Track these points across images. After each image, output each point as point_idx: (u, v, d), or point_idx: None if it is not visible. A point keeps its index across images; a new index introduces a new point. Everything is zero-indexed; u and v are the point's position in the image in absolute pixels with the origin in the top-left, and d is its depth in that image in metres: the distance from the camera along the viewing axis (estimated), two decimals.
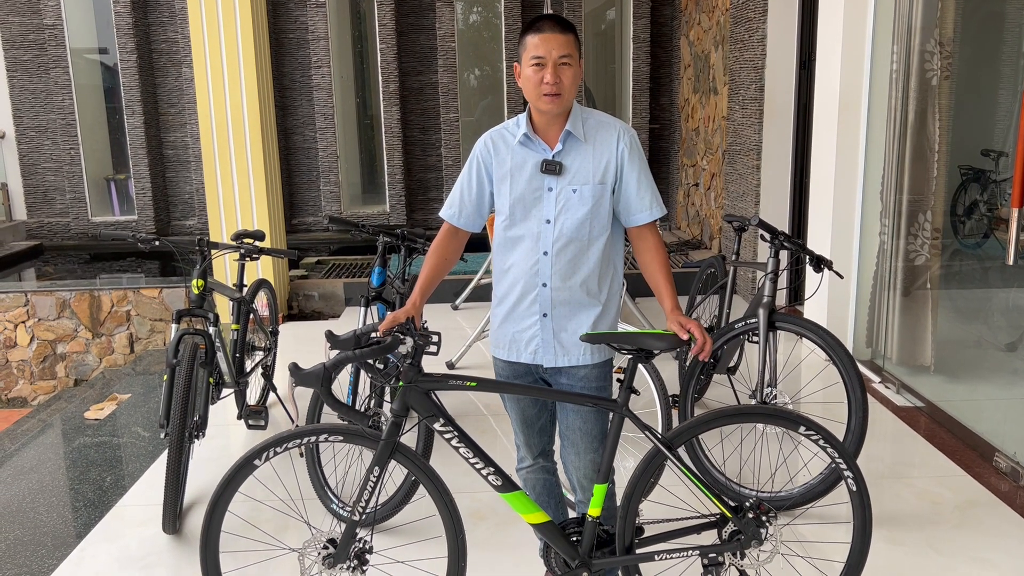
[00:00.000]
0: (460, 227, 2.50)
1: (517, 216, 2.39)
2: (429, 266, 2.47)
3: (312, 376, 2.11)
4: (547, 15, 2.35)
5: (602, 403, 2.31)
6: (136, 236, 3.73)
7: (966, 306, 4.77)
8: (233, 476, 2.24)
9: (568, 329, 2.41)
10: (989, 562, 2.94)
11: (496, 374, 2.56)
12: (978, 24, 4.61)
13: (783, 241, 3.47)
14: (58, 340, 6.85)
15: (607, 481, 2.33)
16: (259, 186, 6.45)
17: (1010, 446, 3.62)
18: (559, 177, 2.35)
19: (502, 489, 2.29)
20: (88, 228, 9.41)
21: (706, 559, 2.33)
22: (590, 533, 2.35)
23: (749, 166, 6.59)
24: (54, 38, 9.01)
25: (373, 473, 2.22)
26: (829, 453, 2.31)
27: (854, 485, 2.34)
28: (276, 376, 4.69)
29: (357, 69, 9.90)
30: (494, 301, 2.52)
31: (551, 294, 2.38)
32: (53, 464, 4.07)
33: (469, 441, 2.27)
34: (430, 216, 9.66)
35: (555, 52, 2.26)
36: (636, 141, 2.40)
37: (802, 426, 2.31)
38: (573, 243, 2.36)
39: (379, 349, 2.14)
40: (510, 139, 2.41)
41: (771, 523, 2.32)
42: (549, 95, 2.28)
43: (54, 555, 3.18)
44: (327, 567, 2.27)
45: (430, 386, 2.22)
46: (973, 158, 4.71)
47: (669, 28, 9.29)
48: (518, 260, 2.41)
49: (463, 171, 2.49)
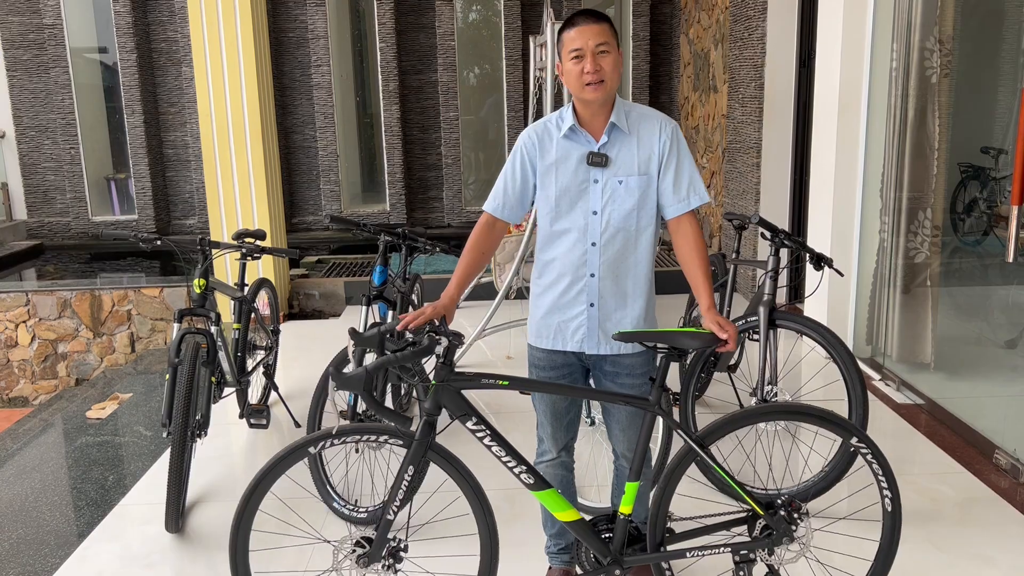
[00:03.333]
0: (503, 219, 2.51)
1: (563, 208, 2.42)
2: (467, 261, 2.47)
3: (354, 380, 2.11)
4: (580, 11, 2.39)
5: (635, 402, 2.32)
6: (138, 235, 3.73)
7: (966, 303, 4.78)
8: (264, 476, 2.22)
9: (613, 319, 2.45)
10: (990, 559, 2.94)
11: (531, 364, 2.58)
12: (978, 22, 4.61)
13: (783, 239, 3.48)
14: (59, 339, 6.86)
15: (639, 479, 2.34)
16: (259, 185, 6.45)
17: (1010, 443, 3.63)
18: (605, 169, 2.39)
19: (534, 487, 2.30)
20: (88, 228, 9.41)
21: (737, 556, 2.33)
22: (621, 530, 2.36)
23: (749, 164, 6.59)
24: (54, 37, 9.01)
25: (407, 472, 2.21)
26: (874, 470, 2.31)
27: (890, 506, 2.35)
28: (278, 375, 4.70)
29: (357, 68, 9.90)
30: (536, 291, 2.54)
31: (599, 284, 2.42)
32: (55, 463, 4.08)
33: (502, 440, 2.27)
34: (430, 215, 9.66)
35: (591, 41, 2.31)
36: (678, 133, 2.43)
37: (854, 437, 2.30)
38: (621, 233, 2.40)
39: (418, 352, 2.13)
40: (554, 132, 2.44)
41: (802, 520, 2.33)
42: (592, 84, 2.31)
43: (57, 554, 3.19)
44: (361, 566, 2.26)
45: (462, 385, 2.21)
46: (973, 155, 4.71)
47: (669, 26, 9.29)
48: (565, 251, 2.44)
49: (506, 164, 2.51)
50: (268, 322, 4.70)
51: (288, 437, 4.22)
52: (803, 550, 2.33)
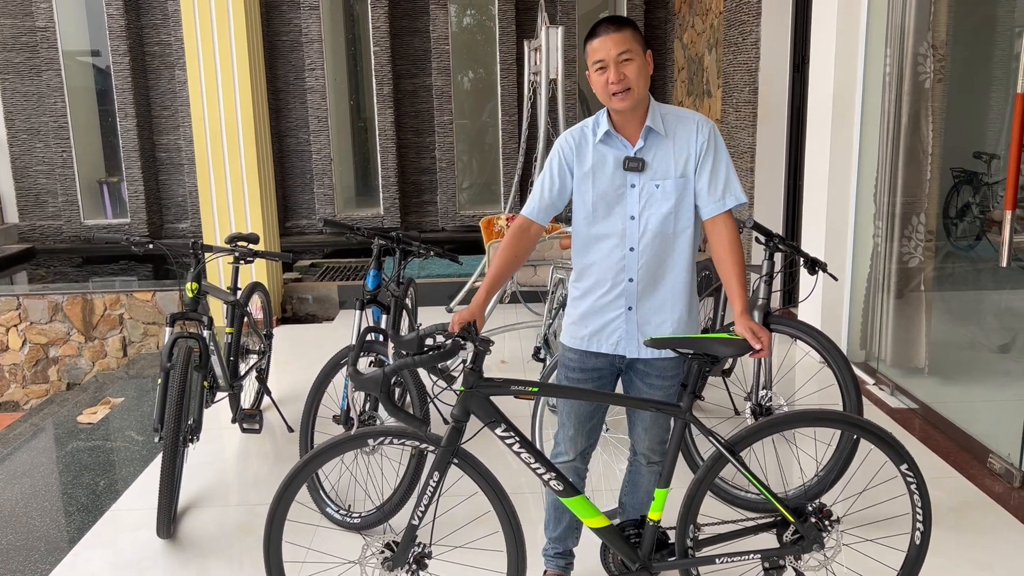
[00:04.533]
0: (537, 221, 2.49)
1: (600, 213, 2.42)
2: (500, 263, 2.45)
3: (371, 381, 2.13)
4: (604, 18, 2.37)
5: (666, 408, 2.32)
6: (130, 239, 3.71)
7: (959, 308, 4.79)
8: (309, 462, 2.25)
9: (652, 322, 2.45)
10: (984, 564, 2.94)
11: (564, 366, 2.57)
12: (971, 27, 4.63)
13: (777, 243, 3.47)
14: (50, 344, 6.82)
15: (668, 485, 2.33)
16: (253, 189, 6.43)
17: (1004, 447, 3.63)
18: (641, 173, 2.38)
19: (564, 494, 2.30)
20: (81, 231, 9.37)
21: (767, 562, 2.33)
22: (650, 536, 2.35)
23: (743, 168, 6.60)
24: (46, 40, 8.98)
25: (432, 478, 2.21)
26: (915, 501, 2.31)
27: (919, 539, 2.36)
28: (271, 380, 4.68)
29: (351, 72, 9.89)
30: (575, 294, 2.54)
31: (637, 288, 2.42)
32: (46, 469, 4.05)
33: (531, 447, 2.26)
34: (424, 218, 9.65)
35: (613, 51, 2.29)
36: (715, 132, 2.42)
37: (904, 464, 2.29)
38: (659, 237, 2.39)
39: (438, 355, 2.14)
40: (591, 137, 2.44)
41: (832, 527, 2.32)
42: (617, 93, 2.31)
43: (47, 560, 3.16)
44: (386, 570, 2.27)
45: (491, 391, 2.21)
46: (966, 160, 4.73)
47: (663, 31, 9.31)
48: (603, 256, 2.44)
49: (544, 169, 2.51)
50: (261, 326, 4.68)
51: (281, 442, 4.20)
52: (832, 557, 2.33)
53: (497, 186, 9.66)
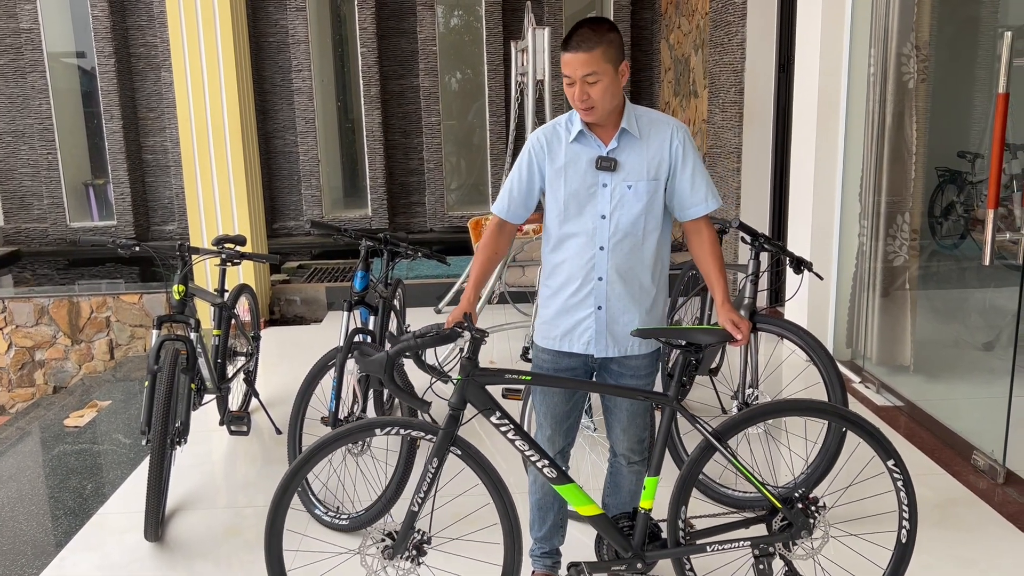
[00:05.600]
0: (507, 220, 2.55)
1: (571, 212, 2.44)
2: (481, 261, 2.53)
3: (375, 363, 2.22)
4: (577, 27, 2.33)
5: (654, 397, 2.38)
6: (116, 241, 3.70)
7: (944, 306, 4.82)
8: (309, 458, 2.29)
9: (621, 321, 2.47)
10: (968, 560, 2.97)
11: (536, 366, 2.60)
12: (954, 28, 4.67)
13: (763, 243, 3.50)
14: (36, 347, 6.78)
15: (658, 474, 2.38)
16: (240, 190, 6.41)
17: (988, 444, 3.66)
18: (613, 173, 2.40)
19: (556, 482, 2.34)
20: (66, 234, 9.32)
21: (756, 550, 2.37)
22: (642, 525, 2.40)
23: (729, 169, 6.63)
24: (31, 42, 8.93)
25: (432, 464, 2.26)
26: (901, 498, 2.35)
27: (905, 538, 2.40)
28: (258, 381, 4.67)
29: (338, 73, 9.87)
30: (545, 293, 2.56)
31: (607, 288, 2.44)
32: (32, 472, 4.03)
33: (525, 434, 2.31)
34: (412, 219, 9.64)
35: (579, 71, 2.30)
36: (689, 137, 2.45)
37: (891, 461, 2.34)
38: (629, 238, 2.42)
39: (438, 338, 2.22)
40: (564, 136, 2.45)
41: (820, 514, 2.37)
42: (583, 109, 2.35)
43: (34, 564, 3.15)
44: (387, 558, 2.32)
45: (487, 380, 2.27)
46: (950, 160, 4.76)
47: (649, 32, 9.34)
48: (573, 255, 2.46)
49: (515, 167, 2.53)
50: (248, 328, 4.67)
51: (269, 444, 4.19)
52: (819, 547, 2.37)
53: (485, 187, 9.66)
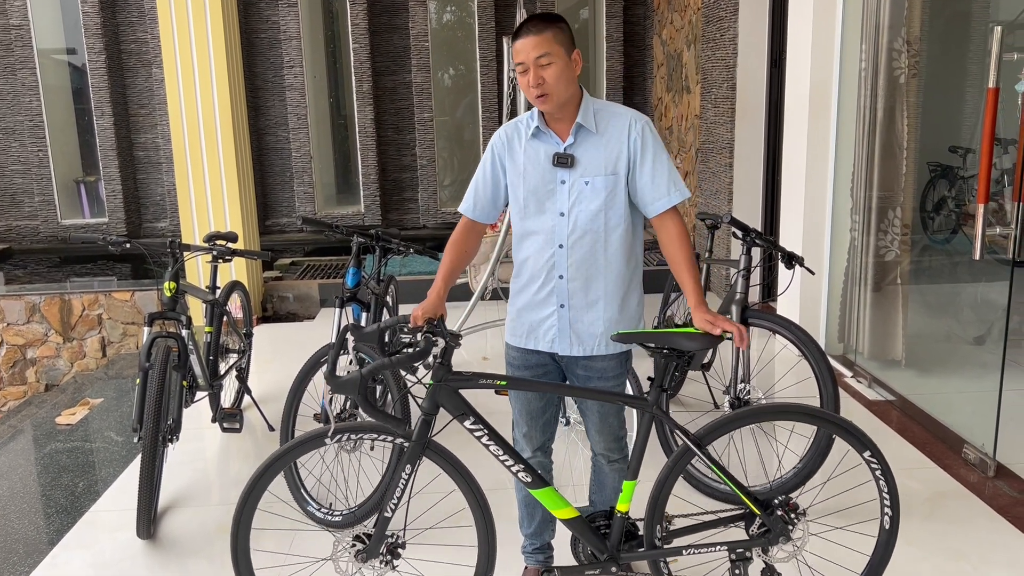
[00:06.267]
0: (475, 219, 2.53)
1: (531, 209, 2.41)
2: (448, 260, 2.51)
3: (349, 384, 2.13)
4: (529, 17, 2.34)
5: (632, 402, 2.33)
6: (106, 238, 3.69)
7: (935, 301, 4.85)
8: (266, 470, 2.24)
9: (584, 320, 2.43)
10: (959, 552, 2.98)
11: (508, 363, 2.58)
12: (945, 23, 4.68)
13: (755, 238, 3.50)
14: (28, 345, 6.75)
15: (636, 478, 2.35)
16: (231, 187, 6.40)
17: (978, 438, 3.68)
18: (571, 170, 2.37)
19: (532, 486, 2.32)
20: (58, 231, 9.28)
21: (733, 554, 2.34)
22: (619, 527, 2.37)
23: (722, 164, 6.64)
24: (21, 39, 8.88)
25: (404, 471, 2.23)
26: (880, 486, 2.32)
27: (888, 524, 2.37)
28: (251, 379, 4.66)
29: (330, 69, 9.85)
30: (513, 289, 2.55)
31: (567, 286, 2.41)
32: (24, 470, 4.02)
33: (500, 439, 2.28)
34: (405, 216, 9.63)
35: (532, 54, 2.27)
36: (649, 129, 2.38)
37: (867, 452, 2.30)
38: (588, 235, 2.37)
39: (414, 355, 2.13)
40: (524, 132, 2.43)
41: (800, 519, 2.33)
42: (538, 96, 2.30)
43: (26, 562, 3.14)
44: (359, 561, 2.29)
45: (460, 384, 2.22)
46: (941, 155, 4.79)
47: (642, 27, 9.33)
48: (534, 252, 2.44)
49: (479, 166, 2.51)
50: (241, 325, 4.66)
51: (262, 441, 4.19)
52: (799, 550, 2.34)
53: None
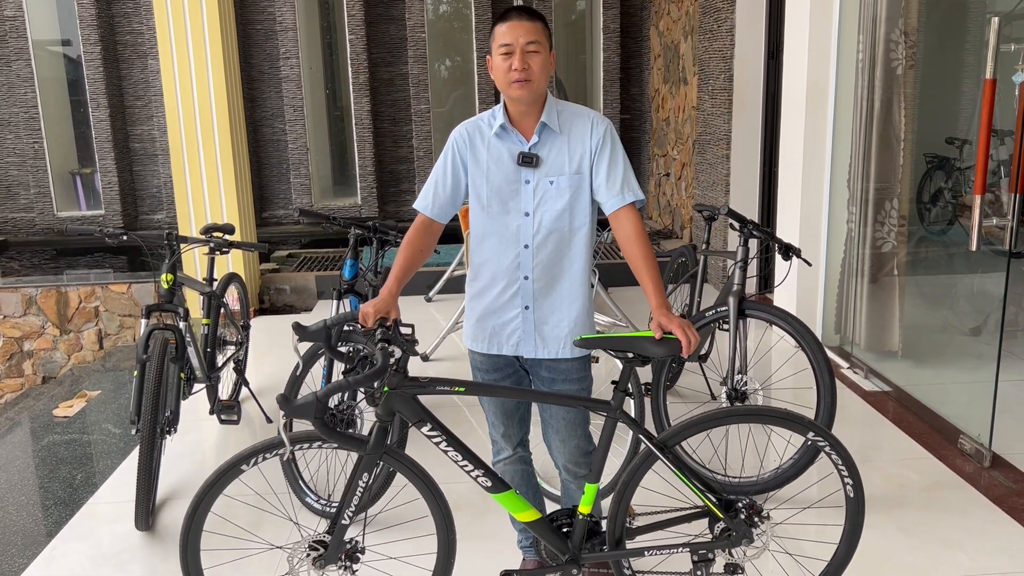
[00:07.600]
0: (433, 218, 2.44)
1: (495, 209, 2.36)
2: (403, 258, 2.39)
3: (304, 407, 2.02)
4: (515, 6, 2.34)
5: (595, 406, 2.27)
6: (103, 231, 3.68)
7: (932, 292, 4.86)
8: (217, 479, 2.18)
9: (550, 322, 2.40)
10: (955, 542, 3.00)
11: (473, 367, 2.54)
12: (942, 14, 4.68)
13: (752, 230, 3.51)
14: (24, 337, 6.75)
15: (599, 481, 2.31)
16: (228, 179, 6.38)
17: (974, 428, 3.69)
18: (536, 169, 2.33)
19: (492, 490, 2.26)
20: (54, 223, 9.26)
21: (696, 555, 2.30)
22: (580, 528, 2.33)
23: (719, 155, 6.64)
24: (15, 30, 8.84)
25: (361, 479, 2.18)
26: (833, 460, 2.30)
27: (852, 492, 2.34)
28: (248, 371, 4.66)
29: (326, 60, 9.82)
30: (470, 294, 2.48)
31: (533, 287, 2.37)
32: (22, 463, 4.02)
33: (458, 444, 2.22)
34: (402, 208, 9.62)
35: (522, 39, 2.25)
36: (610, 130, 2.36)
37: (811, 432, 2.27)
38: (553, 235, 2.35)
39: (372, 374, 2.03)
40: (486, 131, 2.39)
41: (763, 522, 2.29)
42: (518, 81, 2.26)
43: (24, 554, 3.14)
44: (317, 568, 2.24)
45: (416, 391, 2.16)
46: (938, 146, 4.79)
47: (639, 18, 9.31)
48: (497, 253, 2.38)
49: (438, 162, 2.44)
50: (238, 317, 4.66)
51: (259, 433, 4.19)
52: (766, 545, 2.32)
53: None
